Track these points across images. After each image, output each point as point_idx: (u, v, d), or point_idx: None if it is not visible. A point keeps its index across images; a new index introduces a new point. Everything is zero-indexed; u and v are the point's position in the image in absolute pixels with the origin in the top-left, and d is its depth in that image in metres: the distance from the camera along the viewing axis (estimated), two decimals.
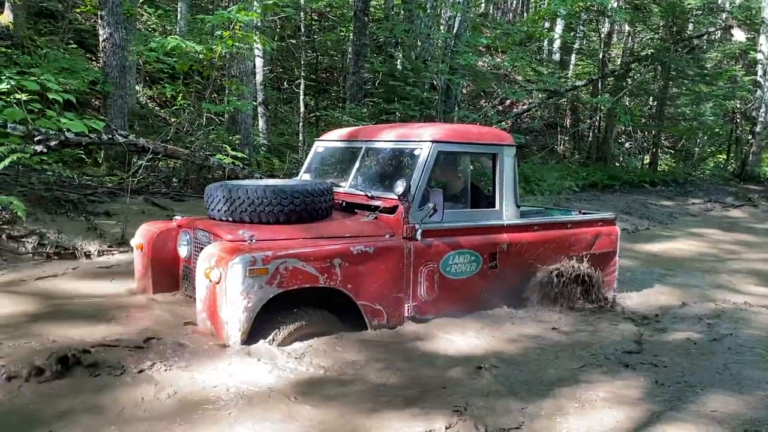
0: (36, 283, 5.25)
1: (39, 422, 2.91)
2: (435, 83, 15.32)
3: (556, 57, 21.92)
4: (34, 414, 2.97)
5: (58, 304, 4.67)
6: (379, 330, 4.22)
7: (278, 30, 16.37)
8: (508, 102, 20.91)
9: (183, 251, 4.45)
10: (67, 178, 8.20)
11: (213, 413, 3.08)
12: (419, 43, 16.08)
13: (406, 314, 4.30)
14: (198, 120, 10.45)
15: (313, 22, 17.68)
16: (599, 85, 18.89)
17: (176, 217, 4.75)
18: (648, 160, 21.33)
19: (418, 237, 4.25)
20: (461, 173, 5.08)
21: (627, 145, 22.53)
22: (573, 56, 22.53)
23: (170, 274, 4.55)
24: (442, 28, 16.59)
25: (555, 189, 14.09)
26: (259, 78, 13.40)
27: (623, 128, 20.88)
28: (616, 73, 19.06)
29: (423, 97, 14.32)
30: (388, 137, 4.86)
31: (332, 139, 5.39)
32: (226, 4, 13.53)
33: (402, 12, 17.55)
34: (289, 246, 3.81)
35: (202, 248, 3.97)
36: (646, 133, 21.65)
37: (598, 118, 19.75)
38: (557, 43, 21.75)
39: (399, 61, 16.54)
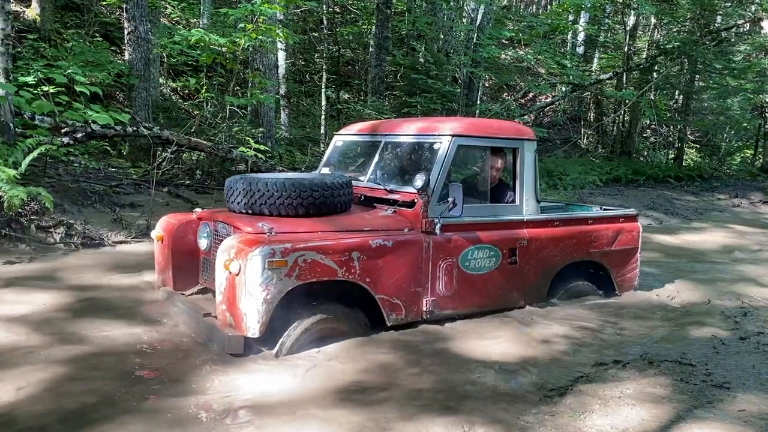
0: (67, 274, 5.35)
1: (96, 427, 2.96)
2: (457, 76, 15.23)
3: (580, 50, 21.61)
4: (91, 418, 3.02)
5: (90, 298, 4.76)
6: (409, 331, 4.22)
7: (300, 23, 16.38)
8: (530, 95, 20.73)
9: (203, 243, 4.45)
10: (93, 169, 8.31)
11: (252, 419, 3.09)
12: (442, 36, 15.99)
13: (424, 309, 4.27)
14: (221, 113, 10.50)
15: (336, 15, 17.65)
16: (624, 79, 18.63)
17: (196, 209, 4.77)
18: (673, 155, 21.01)
19: (437, 231, 4.23)
20: (481, 167, 5.01)
21: (652, 139, 22.22)
22: (597, 49, 22.24)
23: (190, 265, 4.56)
24: (464, 20, 16.47)
25: (578, 183, 13.95)
26: (281, 71, 13.44)
27: (648, 122, 20.60)
28: (642, 66, 18.77)
29: (445, 90, 14.25)
30: (407, 131, 4.83)
31: (351, 133, 5.37)
32: None
33: (424, 4, 17.46)
34: (308, 239, 3.80)
35: (221, 240, 3.98)
36: (672, 127, 21.32)
37: (622, 111, 19.50)
38: (581, 36, 21.46)
39: (421, 54, 16.47)
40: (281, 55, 13.25)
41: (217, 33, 9.40)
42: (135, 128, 8.31)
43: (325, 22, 16.95)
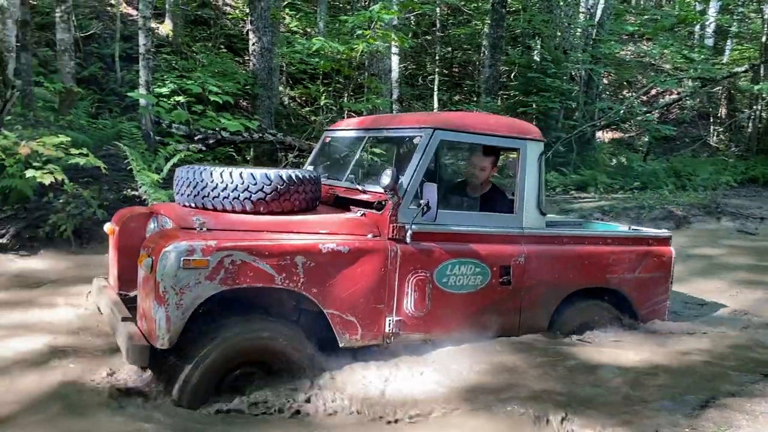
0: None
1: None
2: (574, 74, 14.78)
3: (710, 42, 20.29)
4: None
5: None
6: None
7: (413, 27, 16.54)
8: (653, 92, 19.71)
9: None
10: None
11: (381, 420, 3.11)
12: (559, 33, 15.58)
13: (386, 330, 3.58)
14: (339, 118, 10.81)
15: (448, 17, 17.68)
16: (761, 71, 17.26)
17: (153, 201, 4.42)
18: None
19: (408, 239, 3.57)
20: (470, 169, 4.38)
21: None
22: (729, 40, 20.77)
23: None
24: (582, 16, 15.95)
25: (710, 184, 13.07)
26: (394, 75, 13.63)
27: None
28: None
29: (563, 89, 13.87)
30: (390, 125, 4.31)
31: (339, 129, 4.80)
32: (365, 3, 13.87)
33: (540, 2, 17.10)
34: (242, 237, 3.23)
35: None
36: None
37: (759, 107, 18.07)
38: (711, 27, 20.14)
39: (536, 52, 16.13)
40: (395, 60, 13.44)
41: (333, 40, 9.69)
42: (260, 134, 8.74)
43: (437, 24, 17.02)
